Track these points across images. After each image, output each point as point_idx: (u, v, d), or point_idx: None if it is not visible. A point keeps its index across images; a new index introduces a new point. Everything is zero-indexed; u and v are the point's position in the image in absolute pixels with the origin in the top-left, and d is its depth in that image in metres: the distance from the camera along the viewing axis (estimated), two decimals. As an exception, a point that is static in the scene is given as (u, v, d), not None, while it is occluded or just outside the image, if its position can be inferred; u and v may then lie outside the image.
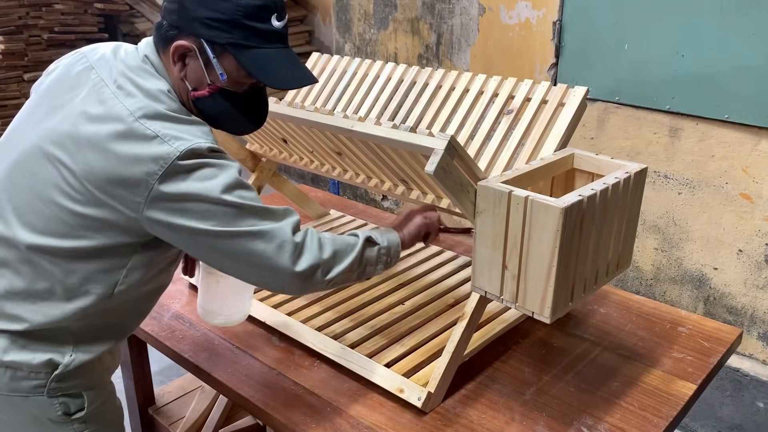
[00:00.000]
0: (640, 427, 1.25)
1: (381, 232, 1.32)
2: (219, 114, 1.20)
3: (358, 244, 1.24)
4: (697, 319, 1.60)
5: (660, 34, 2.26)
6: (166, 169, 1.06)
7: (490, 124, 1.50)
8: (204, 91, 1.16)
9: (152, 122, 1.08)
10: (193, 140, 1.09)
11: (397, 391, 1.31)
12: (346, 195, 3.71)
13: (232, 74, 1.15)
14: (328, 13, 5.28)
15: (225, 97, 1.18)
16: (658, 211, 2.45)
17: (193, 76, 1.16)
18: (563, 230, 1.08)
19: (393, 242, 1.31)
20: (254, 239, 1.12)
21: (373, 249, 1.27)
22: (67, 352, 1.19)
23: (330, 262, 1.19)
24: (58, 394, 1.20)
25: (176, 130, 1.09)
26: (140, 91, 1.12)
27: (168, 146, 1.07)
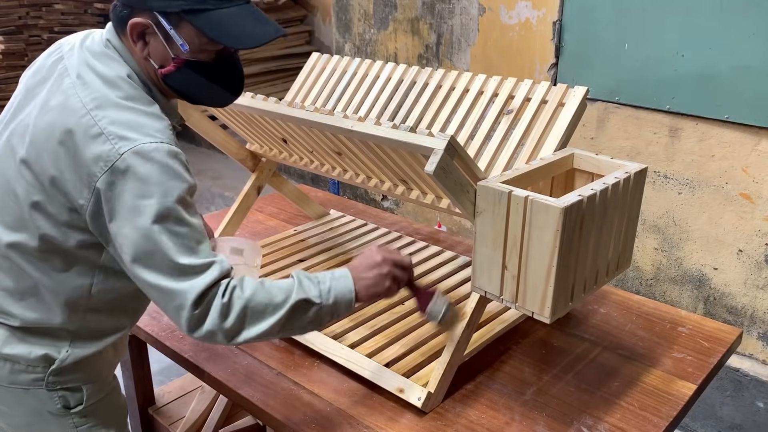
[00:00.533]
0: (640, 427, 1.25)
1: (331, 281, 1.15)
2: (192, 88, 1.16)
3: (284, 306, 1.10)
4: (697, 319, 1.60)
5: (660, 34, 2.26)
6: (105, 172, 1.03)
7: (490, 124, 1.50)
8: (170, 67, 1.12)
9: (103, 114, 1.05)
10: (139, 140, 1.03)
11: (397, 391, 1.31)
12: (346, 195, 3.71)
13: (194, 42, 1.09)
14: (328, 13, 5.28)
15: (194, 69, 1.13)
16: (658, 211, 2.45)
17: (156, 53, 1.11)
18: (563, 230, 1.08)
19: (342, 298, 1.15)
20: (154, 290, 1.06)
21: (308, 310, 1.12)
22: (63, 348, 1.19)
23: (235, 328, 1.08)
24: (57, 388, 1.21)
25: (125, 125, 1.04)
26: (99, 78, 1.09)
27: (110, 145, 1.03)
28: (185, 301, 1.05)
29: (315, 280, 1.15)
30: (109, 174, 1.02)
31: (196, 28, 1.07)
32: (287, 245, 1.94)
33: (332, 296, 1.14)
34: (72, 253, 1.13)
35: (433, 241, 1.99)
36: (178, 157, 1.07)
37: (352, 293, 1.16)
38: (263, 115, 1.49)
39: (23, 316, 1.17)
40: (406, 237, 1.99)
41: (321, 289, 1.14)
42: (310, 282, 1.14)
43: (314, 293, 1.13)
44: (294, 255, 1.88)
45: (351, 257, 1.86)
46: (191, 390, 2.12)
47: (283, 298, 1.11)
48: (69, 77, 1.10)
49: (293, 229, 2.07)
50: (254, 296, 1.09)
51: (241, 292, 1.08)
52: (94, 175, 1.03)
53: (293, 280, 1.14)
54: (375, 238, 1.99)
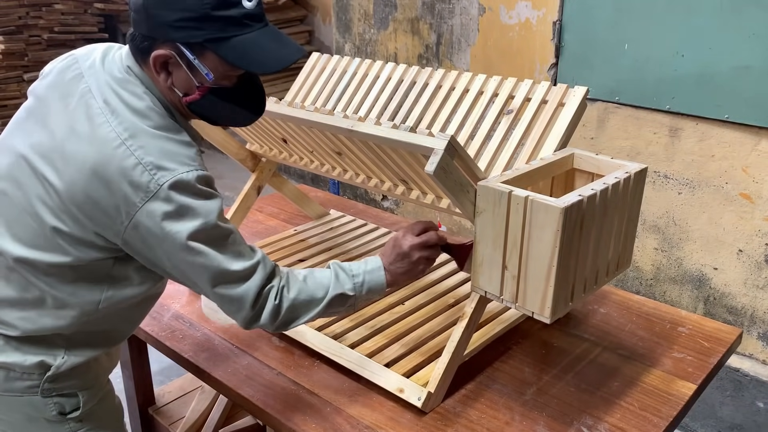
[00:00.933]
0: (640, 427, 1.25)
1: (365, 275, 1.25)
2: (217, 113, 1.18)
3: (324, 301, 1.21)
4: (697, 319, 1.60)
5: (660, 34, 2.26)
6: (146, 202, 1.05)
7: (490, 124, 1.50)
8: (195, 95, 1.13)
9: (138, 144, 1.06)
10: (177, 170, 1.06)
11: (397, 391, 1.31)
12: (346, 195, 3.71)
13: (218, 70, 1.10)
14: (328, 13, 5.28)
15: (218, 96, 1.14)
16: (658, 211, 2.45)
17: (180, 82, 1.12)
18: (563, 230, 1.08)
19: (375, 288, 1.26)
20: (216, 297, 1.15)
21: (345, 302, 1.24)
22: (59, 355, 1.19)
23: (284, 323, 1.20)
24: (53, 394, 1.21)
25: (160, 155, 1.06)
26: (126, 108, 1.09)
27: (149, 176, 1.05)
28: (244, 304, 1.14)
29: (350, 273, 1.24)
30: (150, 203, 1.05)
31: (219, 57, 1.08)
32: (287, 245, 1.94)
33: (365, 288, 1.24)
34: (84, 267, 1.13)
35: (433, 241, 1.99)
36: (210, 180, 1.12)
37: (383, 284, 1.26)
38: (263, 115, 1.48)
39: (23, 326, 1.16)
40: (406, 237, 1.99)
41: (355, 283, 1.23)
42: (345, 275, 1.24)
43: (349, 287, 1.23)
44: (294, 255, 1.88)
45: (351, 257, 1.86)
46: (191, 390, 2.12)
47: (322, 294, 1.21)
48: (95, 101, 1.09)
49: (293, 229, 2.07)
50: (299, 295, 1.19)
51: (288, 292, 1.18)
52: (135, 205, 1.05)
53: (330, 274, 1.23)
54: (375, 238, 1.99)
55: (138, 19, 1.09)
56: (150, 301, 1.29)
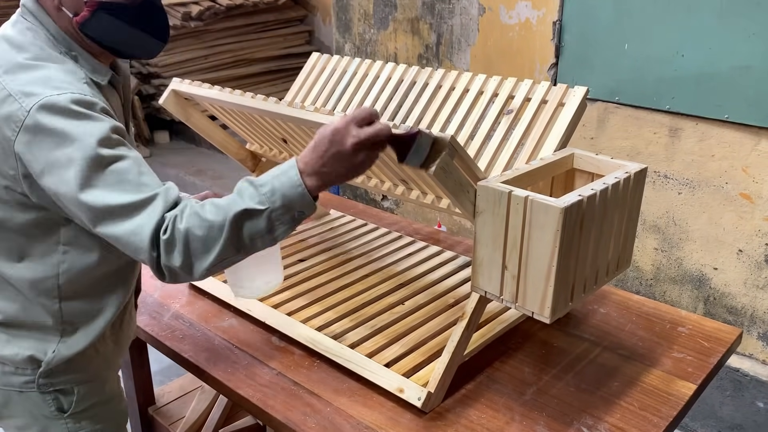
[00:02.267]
0: (640, 427, 1.25)
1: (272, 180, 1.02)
2: (112, 35, 1.09)
3: (225, 224, 1.00)
4: (697, 319, 1.60)
5: (660, 34, 2.26)
6: (17, 133, 1.00)
7: (490, 124, 1.50)
8: (84, 12, 1.05)
9: (10, 78, 1.02)
10: (43, 94, 0.99)
11: (397, 391, 1.31)
12: (346, 195, 3.71)
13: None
14: (328, 13, 5.28)
15: (111, 13, 1.06)
16: (658, 211, 2.45)
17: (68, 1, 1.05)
18: (563, 230, 1.08)
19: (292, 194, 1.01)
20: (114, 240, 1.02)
21: (256, 220, 1.01)
22: (50, 348, 1.17)
23: (187, 262, 1.01)
24: (50, 390, 1.19)
25: (30, 83, 1.01)
26: (7, 44, 1.06)
27: (17, 105, 1.00)
28: (140, 244, 1.00)
29: (257, 183, 1.02)
30: (22, 134, 1.00)
31: None
32: (287, 245, 1.94)
33: (279, 197, 1.01)
34: (27, 235, 1.10)
35: (433, 241, 1.99)
36: (90, 103, 1.02)
37: (301, 187, 1.00)
38: (263, 115, 1.49)
39: (7, 309, 1.15)
40: (406, 237, 1.99)
41: (263, 194, 1.01)
42: (253, 189, 1.02)
43: (255, 201, 1.00)
44: (294, 255, 1.88)
45: (351, 257, 1.86)
46: (191, 390, 2.12)
47: (221, 217, 1.00)
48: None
49: (293, 229, 2.07)
50: (192, 223, 1.00)
51: (179, 223, 1.00)
52: (9, 139, 1.01)
53: (235, 191, 1.04)
54: (375, 237, 1.99)
55: None
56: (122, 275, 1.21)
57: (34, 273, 1.13)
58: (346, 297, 1.65)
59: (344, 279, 1.74)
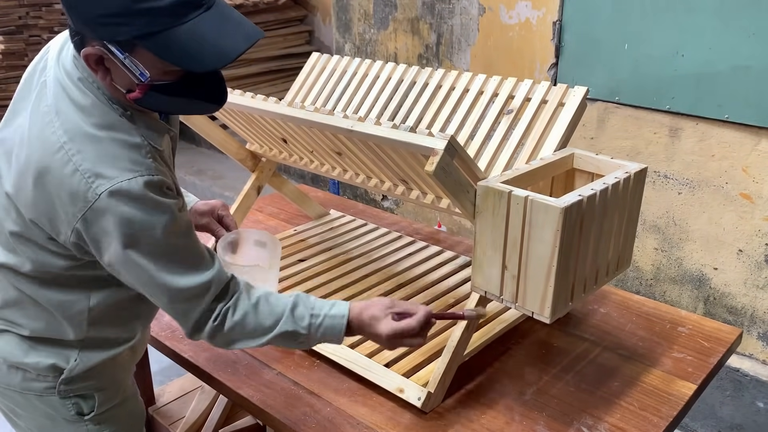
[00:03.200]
0: (640, 427, 1.25)
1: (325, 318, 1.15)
2: (167, 107, 1.08)
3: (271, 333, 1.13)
4: (697, 319, 1.60)
5: (660, 34, 2.26)
6: (85, 212, 0.99)
7: (490, 124, 1.50)
8: (137, 93, 1.01)
9: (75, 147, 0.99)
10: (116, 178, 0.98)
11: (397, 391, 1.31)
12: (346, 195, 3.70)
13: (155, 67, 0.97)
14: (328, 13, 5.28)
15: (163, 92, 1.01)
16: (658, 211, 2.45)
17: (120, 79, 1.00)
18: (563, 230, 1.08)
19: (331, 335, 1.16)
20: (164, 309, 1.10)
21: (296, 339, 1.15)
22: (72, 357, 1.18)
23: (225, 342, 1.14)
24: (70, 395, 1.20)
25: (99, 160, 0.98)
26: (71, 104, 1.02)
27: (86, 184, 0.98)
28: (188, 320, 1.10)
29: (309, 310, 1.14)
30: (89, 213, 0.99)
31: (153, 54, 0.95)
32: (287, 245, 1.94)
33: (320, 332, 1.15)
34: (63, 275, 1.11)
35: (433, 241, 1.99)
36: (158, 184, 1.02)
37: (341, 335, 1.16)
38: (263, 115, 1.49)
39: (31, 326, 1.16)
40: (406, 237, 1.99)
41: (311, 323, 1.14)
42: (304, 310, 1.14)
43: (303, 325, 1.14)
44: (294, 255, 1.88)
45: (351, 257, 1.86)
46: (191, 390, 2.12)
47: (271, 323, 1.13)
48: (46, 98, 1.04)
49: (293, 229, 2.07)
50: (244, 320, 1.12)
51: (232, 315, 1.11)
52: (74, 215, 1.00)
53: (288, 304, 1.14)
54: (375, 238, 1.99)
55: (67, 12, 0.98)
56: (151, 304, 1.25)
57: (66, 297, 1.14)
58: (346, 297, 1.65)
59: (344, 279, 1.74)
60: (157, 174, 1.02)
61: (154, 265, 1.03)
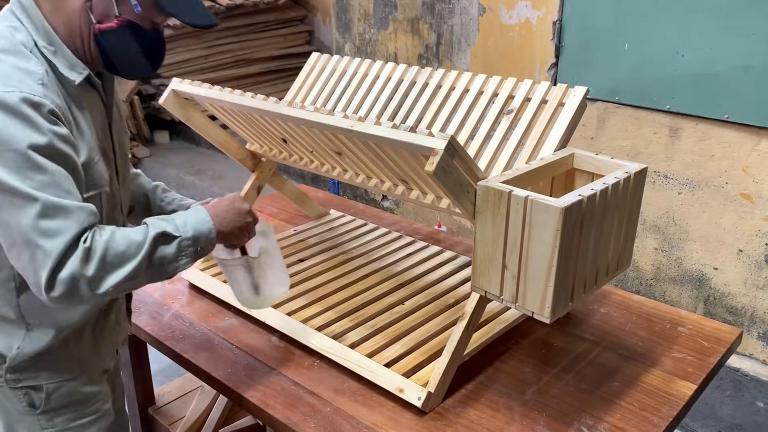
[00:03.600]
0: (640, 427, 1.25)
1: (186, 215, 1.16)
2: (122, 51, 1.12)
3: (145, 243, 1.07)
4: (697, 319, 1.60)
5: (660, 34, 2.26)
6: None
7: (490, 124, 1.50)
8: (112, 23, 1.08)
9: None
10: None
11: (397, 391, 1.31)
12: (346, 195, 3.71)
13: (147, 7, 1.09)
14: (328, 13, 5.28)
15: (132, 33, 1.10)
16: (658, 211, 2.45)
17: (100, 6, 1.08)
18: (563, 230, 1.08)
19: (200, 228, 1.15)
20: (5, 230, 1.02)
21: (169, 243, 1.10)
22: (15, 344, 1.16)
23: (99, 275, 1.03)
24: (19, 386, 1.18)
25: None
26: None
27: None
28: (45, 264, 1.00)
29: (168, 219, 1.14)
30: None
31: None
32: (287, 245, 1.94)
33: (190, 228, 1.13)
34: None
35: (433, 241, 1.99)
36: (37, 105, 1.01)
37: (210, 223, 1.16)
38: (263, 115, 1.49)
39: None
40: (406, 237, 1.99)
41: (176, 223, 1.13)
42: (164, 221, 1.13)
43: (170, 227, 1.11)
44: (294, 255, 1.88)
45: (351, 257, 1.86)
46: (191, 390, 2.12)
47: (141, 236, 1.08)
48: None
49: (293, 229, 2.07)
50: (113, 237, 1.05)
51: (100, 236, 1.04)
52: None
53: (152, 219, 1.13)
54: (375, 237, 1.99)
55: None
56: None
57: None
58: (346, 297, 1.65)
59: (344, 279, 1.74)
60: (40, 97, 1.02)
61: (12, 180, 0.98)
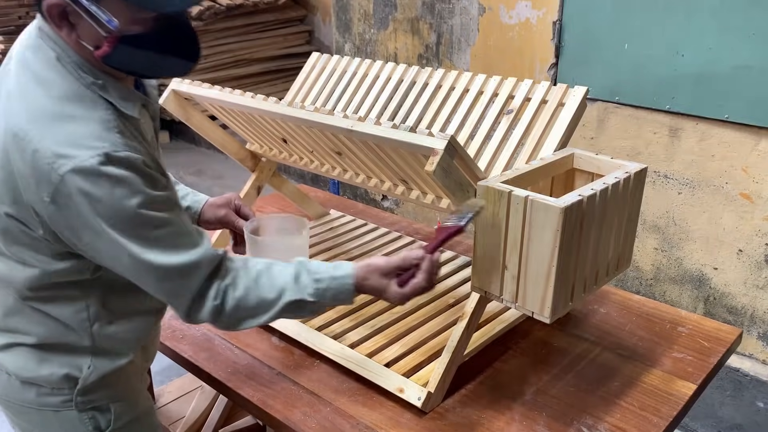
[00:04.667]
0: (640, 427, 1.25)
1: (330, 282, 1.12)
2: (139, 64, 1.01)
3: (277, 305, 1.09)
4: (697, 319, 1.60)
5: (660, 34, 2.26)
6: (52, 196, 0.95)
7: (490, 124, 1.50)
8: (105, 47, 0.95)
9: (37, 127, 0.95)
10: (77, 157, 0.93)
11: (397, 391, 1.31)
12: (346, 195, 3.71)
13: (123, 14, 0.93)
14: (328, 13, 5.28)
15: (133, 44, 0.97)
16: (658, 211, 2.45)
17: (86, 34, 0.96)
18: (563, 230, 1.08)
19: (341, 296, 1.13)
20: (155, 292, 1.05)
21: (303, 308, 1.12)
22: (85, 365, 1.14)
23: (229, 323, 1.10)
24: (87, 408, 1.16)
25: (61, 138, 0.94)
26: (32, 77, 0.98)
27: (48, 166, 0.93)
28: (182, 301, 1.06)
29: (312, 275, 1.12)
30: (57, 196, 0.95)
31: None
32: (287, 245, 1.94)
33: (329, 296, 1.12)
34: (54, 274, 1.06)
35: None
36: (125, 161, 0.96)
37: (350, 294, 1.14)
38: (263, 115, 1.49)
39: (36, 332, 1.11)
40: (406, 237, 1.99)
41: (317, 289, 1.11)
42: (308, 278, 1.11)
43: (309, 292, 1.11)
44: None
45: (351, 257, 1.86)
46: (191, 390, 2.12)
47: (274, 297, 1.09)
48: (8, 84, 1.01)
49: (293, 229, 2.07)
50: (246, 296, 1.08)
51: (233, 291, 1.08)
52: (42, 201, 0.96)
53: (292, 274, 1.11)
54: (375, 237, 1.99)
55: None
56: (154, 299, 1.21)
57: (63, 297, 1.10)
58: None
59: (344, 279, 1.74)
60: (124, 149, 0.96)
61: (133, 243, 0.98)
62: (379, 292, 1.15)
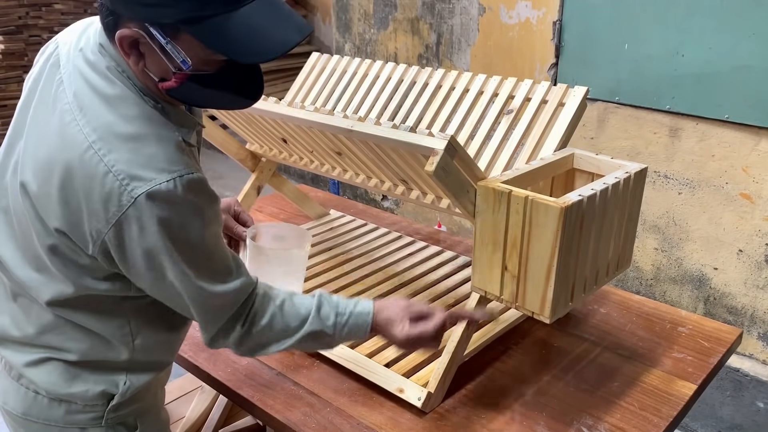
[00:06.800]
0: (640, 427, 1.25)
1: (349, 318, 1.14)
2: (201, 99, 1.01)
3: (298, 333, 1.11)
4: (697, 319, 1.60)
5: (660, 34, 2.26)
6: (119, 218, 0.91)
7: (490, 124, 1.50)
8: (172, 82, 0.94)
9: (107, 146, 0.91)
10: (153, 180, 0.90)
11: (397, 391, 1.31)
12: (346, 195, 3.71)
13: (197, 55, 0.91)
14: (328, 13, 5.28)
15: (200, 83, 0.95)
16: (658, 211, 2.45)
17: (154, 66, 0.93)
18: (563, 230, 1.08)
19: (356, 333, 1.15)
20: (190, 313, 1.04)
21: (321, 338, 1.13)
22: (121, 381, 1.11)
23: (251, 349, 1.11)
24: (117, 423, 1.14)
25: (133, 160, 0.91)
26: (97, 97, 0.94)
27: (121, 187, 0.90)
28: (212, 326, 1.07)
29: (334, 309, 1.14)
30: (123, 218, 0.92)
31: (198, 40, 0.88)
32: (287, 245, 1.94)
33: (345, 331, 1.14)
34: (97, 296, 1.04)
35: (433, 241, 1.99)
36: (198, 185, 0.95)
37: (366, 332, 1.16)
38: (263, 115, 1.49)
39: (78, 348, 1.08)
40: (406, 237, 1.99)
41: (337, 322, 1.13)
42: (330, 309, 1.13)
43: (329, 324, 1.13)
44: (294, 255, 1.88)
45: (351, 257, 1.86)
46: (191, 390, 2.12)
47: (297, 324, 1.11)
48: (65, 95, 0.96)
49: (293, 229, 2.07)
50: (271, 324, 1.10)
51: (259, 319, 1.09)
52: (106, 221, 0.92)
53: (313, 305, 1.13)
54: (375, 237, 1.99)
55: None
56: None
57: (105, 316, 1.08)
58: (346, 297, 1.64)
59: (344, 279, 1.74)
60: (196, 172, 0.95)
61: (191, 269, 0.97)
62: (387, 328, 1.16)
